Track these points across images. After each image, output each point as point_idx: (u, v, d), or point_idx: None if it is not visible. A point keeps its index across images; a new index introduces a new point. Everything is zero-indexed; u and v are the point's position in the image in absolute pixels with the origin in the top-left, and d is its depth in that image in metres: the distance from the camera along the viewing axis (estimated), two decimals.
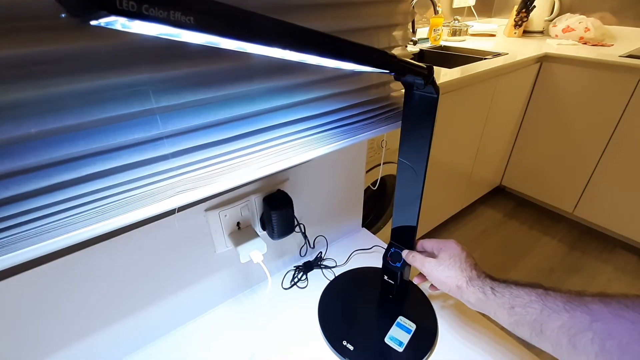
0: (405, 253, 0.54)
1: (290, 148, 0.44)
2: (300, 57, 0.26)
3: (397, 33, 0.50)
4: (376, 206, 1.46)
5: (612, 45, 1.76)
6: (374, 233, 0.79)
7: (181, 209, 0.48)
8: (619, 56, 1.50)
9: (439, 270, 0.47)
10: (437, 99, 0.44)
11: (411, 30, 0.53)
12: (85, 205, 0.30)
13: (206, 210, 0.52)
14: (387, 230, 1.44)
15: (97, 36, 0.27)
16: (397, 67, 0.33)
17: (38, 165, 0.27)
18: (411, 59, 0.40)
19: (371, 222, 1.45)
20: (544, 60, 1.65)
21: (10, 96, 0.26)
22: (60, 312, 0.43)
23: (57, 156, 0.28)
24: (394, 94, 0.54)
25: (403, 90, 0.49)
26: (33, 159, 0.27)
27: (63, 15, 0.25)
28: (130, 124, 0.30)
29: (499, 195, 2.15)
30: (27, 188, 0.27)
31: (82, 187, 0.29)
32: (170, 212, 0.46)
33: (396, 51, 0.51)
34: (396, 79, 0.43)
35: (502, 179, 2.06)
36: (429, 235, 1.79)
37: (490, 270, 0.44)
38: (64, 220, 0.30)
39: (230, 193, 0.53)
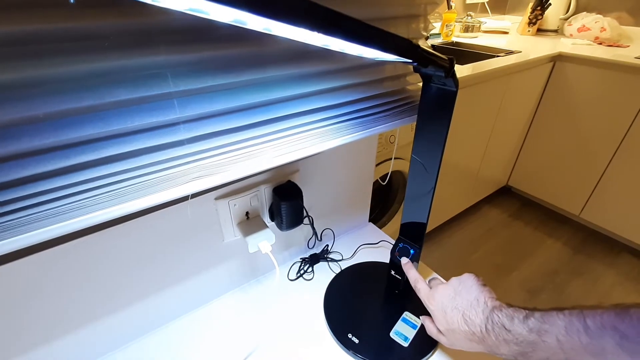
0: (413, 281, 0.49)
1: (304, 138, 0.44)
2: (325, 40, 0.25)
3: (416, 25, 0.49)
4: (381, 201, 1.46)
5: (628, 46, 1.72)
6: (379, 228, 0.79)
7: (192, 196, 0.47)
8: (635, 58, 1.47)
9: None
10: (455, 93, 0.43)
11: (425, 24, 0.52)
12: (101, 188, 0.30)
13: (216, 198, 0.51)
14: (391, 226, 1.44)
15: (117, 15, 0.27)
16: (421, 57, 0.32)
17: (56, 145, 0.27)
18: None
19: (376, 217, 1.44)
20: (557, 59, 1.62)
21: (27, 74, 0.25)
22: (71, 295, 0.44)
23: (75, 137, 0.27)
24: (410, 87, 0.53)
25: (420, 84, 0.48)
26: (51, 139, 0.26)
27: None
28: (148, 107, 0.30)
29: (505, 195, 2.13)
30: (44, 168, 0.27)
31: (99, 170, 0.29)
32: (179, 199, 0.46)
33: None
34: (416, 70, 0.42)
35: (508, 179, 2.04)
36: (433, 233, 1.79)
37: (493, 270, 0.42)
38: (79, 202, 0.29)
39: (240, 182, 0.53)
